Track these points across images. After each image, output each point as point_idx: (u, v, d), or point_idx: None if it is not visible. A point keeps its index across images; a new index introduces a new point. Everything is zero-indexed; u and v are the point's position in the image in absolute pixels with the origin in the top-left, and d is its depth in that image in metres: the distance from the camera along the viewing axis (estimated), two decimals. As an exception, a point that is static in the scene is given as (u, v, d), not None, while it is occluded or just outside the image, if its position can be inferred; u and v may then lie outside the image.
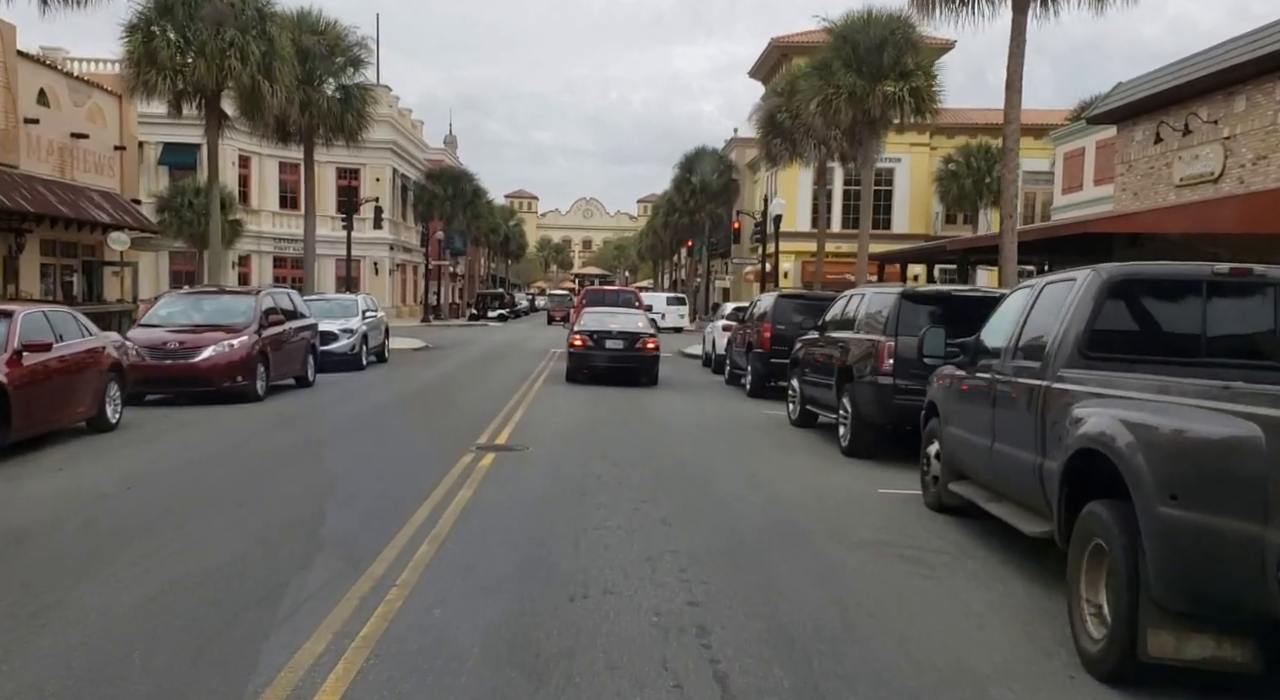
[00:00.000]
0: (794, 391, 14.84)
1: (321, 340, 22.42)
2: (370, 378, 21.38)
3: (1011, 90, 15.45)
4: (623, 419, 14.70)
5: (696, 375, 24.36)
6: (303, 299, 26.42)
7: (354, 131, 30.54)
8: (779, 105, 29.83)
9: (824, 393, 13.10)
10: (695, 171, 56.92)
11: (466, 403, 16.61)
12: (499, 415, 14.67)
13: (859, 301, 12.63)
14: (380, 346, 25.62)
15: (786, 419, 15.09)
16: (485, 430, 13.01)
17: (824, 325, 13.93)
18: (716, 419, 15.27)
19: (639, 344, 20.25)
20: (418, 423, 13.91)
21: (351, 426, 13.57)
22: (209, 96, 23.36)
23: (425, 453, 11.13)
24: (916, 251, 30.95)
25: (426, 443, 11.94)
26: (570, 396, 17.83)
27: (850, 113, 23.19)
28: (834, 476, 10.47)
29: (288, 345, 17.93)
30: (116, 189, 30.52)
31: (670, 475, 10.13)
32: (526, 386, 19.38)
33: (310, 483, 9.18)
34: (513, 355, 29.84)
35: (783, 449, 12.41)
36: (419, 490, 8.74)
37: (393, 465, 10.27)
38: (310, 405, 16.08)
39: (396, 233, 59.72)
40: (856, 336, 12.10)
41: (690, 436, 13.18)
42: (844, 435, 12.02)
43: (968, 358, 8.11)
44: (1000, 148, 16.75)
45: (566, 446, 11.87)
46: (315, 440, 12.17)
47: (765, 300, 19.26)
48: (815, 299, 18.76)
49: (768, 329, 18.20)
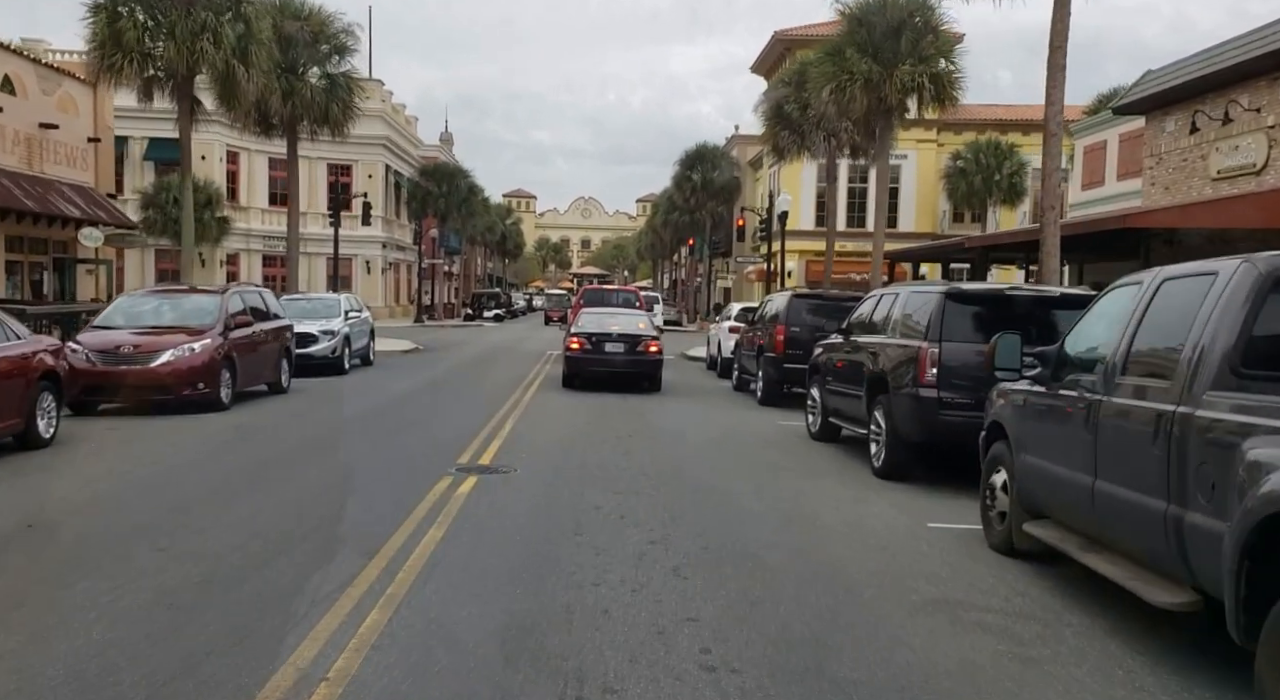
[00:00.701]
0: (814, 402, 13.35)
1: (299, 343, 20.97)
2: (351, 383, 19.89)
3: (1054, 68, 13.98)
4: (624, 433, 13.22)
5: (701, 380, 22.88)
6: (283, 298, 24.99)
7: (340, 123, 29.03)
8: (786, 96, 28.34)
9: (851, 404, 11.61)
10: (697, 169, 55.40)
11: (452, 412, 15.12)
12: (486, 427, 13.18)
13: (891, 302, 11.14)
14: (365, 349, 24.13)
15: (805, 431, 13.62)
16: (469, 446, 11.52)
17: (849, 328, 12.45)
18: (727, 432, 13.78)
19: (641, 347, 18.77)
20: (394, 436, 12.41)
21: (318, 442, 12.06)
22: (180, 82, 21.85)
23: (396, 477, 9.63)
24: (930, 249, 29.47)
25: (400, 463, 10.44)
26: (566, 405, 16.34)
27: (865, 100, 21.68)
28: (872, 506, 8.98)
29: (258, 349, 16.44)
30: (90, 183, 28.98)
31: (681, 506, 8.63)
32: (519, 393, 17.89)
33: (247, 521, 7.57)
34: (506, 358, 28.35)
35: (807, 470, 10.91)
36: (378, 532, 7.23)
37: (353, 494, 8.77)
38: (278, 416, 14.58)
39: (390, 231, 58.21)
40: (890, 342, 10.61)
41: (700, 454, 11.69)
42: (876, 454, 10.53)
43: (1048, 370, 6.63)
44: (1043, 134, 15.11)
45: (560, 467, 10.37)
46: (272, 460, 10.66)
47: (777, 300, 17.78)
48: (833, 299, 17.29)
49: (781, 332, 16.72)
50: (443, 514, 7.87)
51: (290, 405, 15.83)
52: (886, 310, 11.15)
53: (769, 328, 17.43)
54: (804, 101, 27.31)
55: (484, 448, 11.49)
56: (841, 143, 27.64)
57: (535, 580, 6.16)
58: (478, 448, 11.49)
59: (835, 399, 12.38)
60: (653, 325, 20.21)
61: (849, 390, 11.67)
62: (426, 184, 55.98)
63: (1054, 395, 6.42)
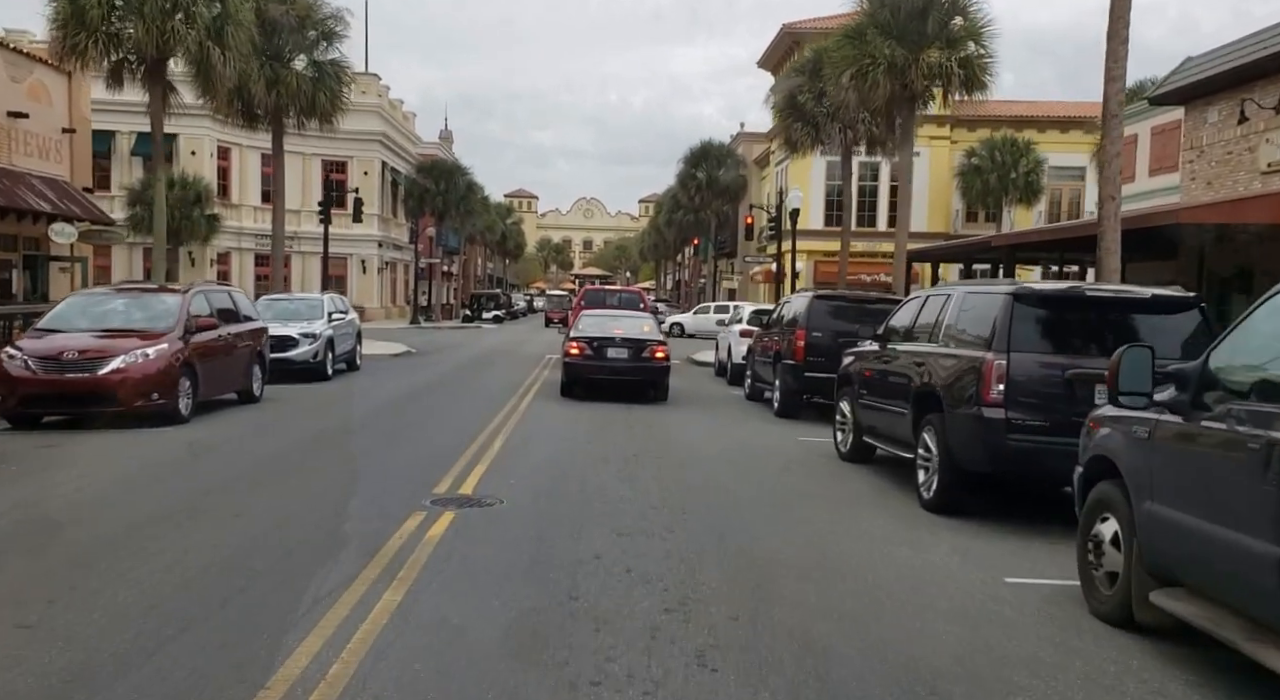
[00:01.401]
0: (843, 417, 11.80)
1: (278, 346, 19.50)
2: (332, 391, 18.36)
3: (1115, 39, 12.42)
4: (628, 451, 11.66)
5: (710, 387, 21.32)
6: (262, 299, 23.48)
7: (328, 114, 27.49)
8: (800, 85, 26.76)
9: (892, 423, 10.07)
10: (702, 166, 53.81)
11: (436, 426, 13.57)
12: (474, 444, 11.64)
13: (941, 305, 9.58)
14: (350, 353, 22.59)
15: (832, 450, 12.07)
16: (451, 469, 9.97)
17: (887, 334, 10.90)
18: (746, 450, 12.22)
19: (646, 353, 17.22)
20: (367, 457, 10.87)
21: (276, 465, 10.50)
22: (151, 66, 20.31)
23: (358, 513, 8.08)
24: (951, 248, 27.86)
25: (367, 492, 8.89)
26: (564, 418, 14.80)
27: (888, 87, 20.09)
28: (931, 552, 7.40)
29: (226, 354, 14.91)
30: (65, 176, 27.42)
31: (699, 553, 7.07)
32: (513, 403, 16.35)
33: (140, 589, 5.89)
34: (503, 362, 26.80)
35: (843, 500, 9.35)
36: (323, 591, 5.70)
37: (304, 538, 7.22)
38: (242, 430, 13.03)
39: (386, 229, 56.71)
40: (943, 351, 9.05)
41: (715, 480, 10.12)
42: (926, 483, 8.98)
43: (1187, 395, 5.08)
44: (1102, 113, 13.40)
45: (553, 499, 8.82)
46: (215, 488, 9.09)
47: (797, 302, 16.23)
48: (859, 301, 15.75)
49: (801, 337, 15.17)
50: (405, 568, 6.31)
51: (259, 417, 14.28)
52: (935, 314, 9.59)
53: (787, 332, 15.89)
54: (819, 90, 25.75)
55: (468, 471, 9.94)
56: (858, 135, 26.05)
57: (511, 679, 4.60)
58: (461, 471, 9.95)
59: (871, 415, 10.83)
60: (658, 329, 18.66)
61: (889, 406, 10.13)
62: (424, 181, 54.44)
63: (1203, 428, 4.87)
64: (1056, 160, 47.39)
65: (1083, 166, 51.09)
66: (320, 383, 19.57)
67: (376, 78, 54.88)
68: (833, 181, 50.81)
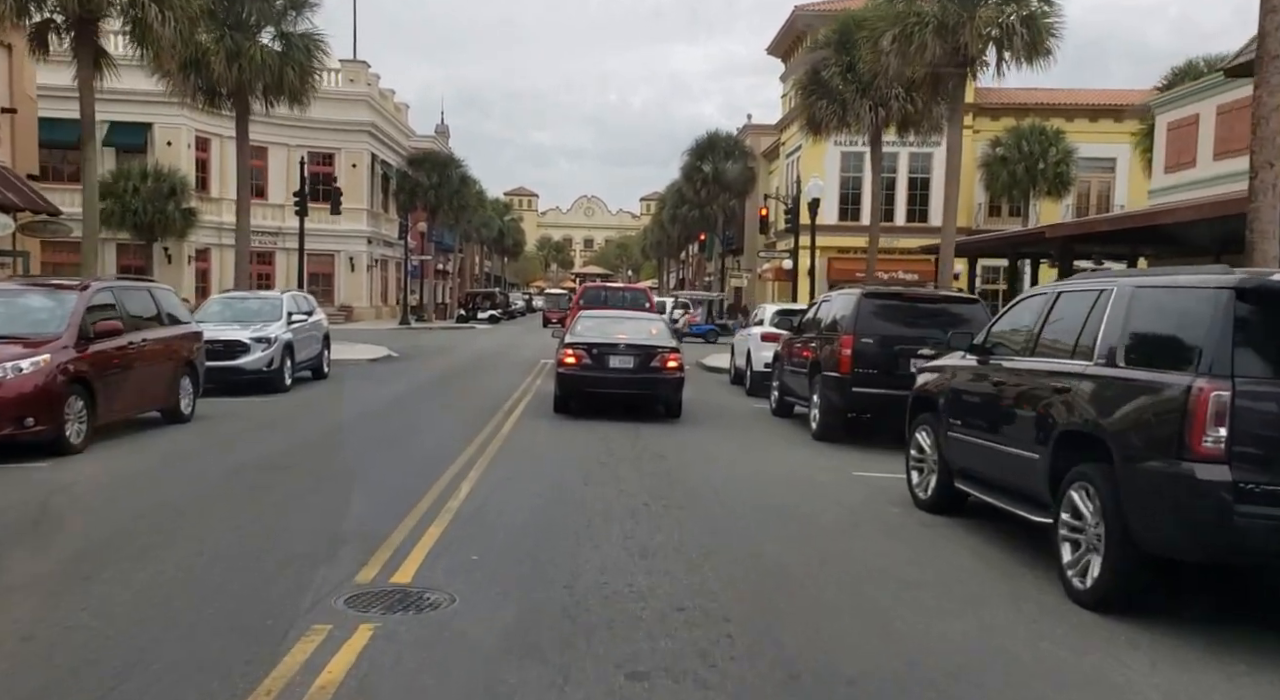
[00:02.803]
0: (921, 452, 8.94)
1: (226, 353, 16.78)
2: (285, 406, 15.51)
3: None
4: (638, 501, 8.80)
5: (728, 400, 18.46)
6: (212, 297, 20.63)
7: (297, 92, 24.60)
8: (825, 59, 23.85)
9: (1009, 469, 7.23)
10: (708, 159, 50.85)
11: (393, 459, 10.70)
12: (433, 490, 8.80)
13: (1088, 305, 6.69)
14: (316, 359, 19.75)
15: (901, 491, 9.25)
16: (392, 536, 7.12)
17: (990, 344, 8.05)
18: (792, 493, 9.35)
19: (656, 361, 14.37)
20: (284, 510, 8.02)
21: (148, 529, 7.54)
22: (78, 26, 17.44)
23: (234, 623, 5.22)
24: (995, 240, 24.87)
25: (257, 582, 6.04)
26: (555, 445, 11.93)
27: (936, 50, 17.21)
28: None
29: (140, 365, 12.07)
30: (6, 161, 24.67)
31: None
32: (495, 424, 13.49)
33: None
34: (492, 369, 23.94)
35: (959, 594, 6.43)
36: None
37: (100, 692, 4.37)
38: (140, 465, 10.15)
39: (376, 225, 53.84)
40: (1107, 374, 6.18)
41: (767, 554, 7.18)
42: (1079, 565, 6.12)
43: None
44: (1256, 57, 10.74)
45: (531, 591, 5.96)
46: (29, 582, 6.22)
47: (840, 302, 13.35)
48: (919, 300, 12.89)
49: (848, 344, 12.31)
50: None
51: (174, 445, 11.42)
52: (1080, 318, 6.71)
53: (829, 338, 13.03)
54: (847, 64, 22.91)
55: (416, 537, 7.10)
56: (891, 113, 23.14)
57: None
58: (407, 537, 7.11)
59: (969, 454, 7.97)
60: (670, 332, 15.79)
61: (1004, 445, 7.27)
62: (415, 174, 51.55)
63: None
64: (1088, 151, 44.50)
65: (1113, 157, 48.28)
66: (275, 394, 16.78)
67: (365, 65, 52.04)
68: (848, 173, 47.94)
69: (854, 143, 47.46)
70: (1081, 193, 46.87)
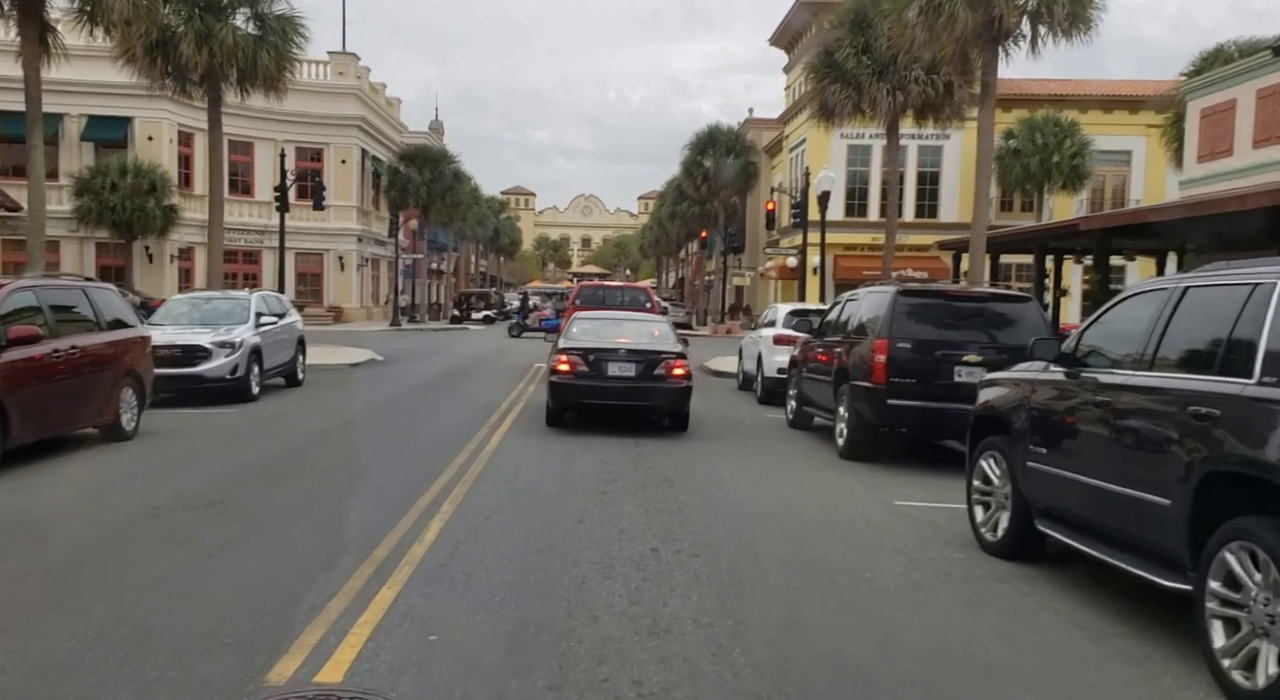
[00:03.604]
0: (990, 482, 7.35)
1: (185, 359, 15.26)
2: (248, 419, 13.92)
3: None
4: (645, 546, 7.21)
5: (737, 408, 16.89)
6: (173, 297, 19.03)
7: (273, 77, 22.99)
8: (839, 40, 22.24)
9: (1126, 515, 5.65)
10: (709, 153, 49.21)
11: (352, 489, 9.09)
12: (395, 531, 7.22)
13: (1237, 300, 5.07)
14: (290, 364, 18.16)
15: (952, 524, 7.70)
16: (328, 606, 5.53)
17: (1080, 354, 6.47)
18: (828, 536, 7.74)
19: (661, 369, 12.78)
20: (193, 574, 6.41)
21: (17, 595, 5.98)
22: (21, 0, 15.83)
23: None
24: (1022, 233, 23.21)
25: (133, 687, 4.46)
26: (545, 470, 10.33)
27: (968, 20, 15.63)
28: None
29: (68, 377, 10.48)
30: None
31: None
32: (479, 441, 11.90)
33: None
34: (482, 374, 22.34)
35: (1061, 665, 4.89)
36: None
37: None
38: (49, 499, 8.52)
39: (367, 222, 52.23)
40: (1274, 397, 4.59)
41: (814, 627, 5.58)
42: (1238, 648, 4.55)
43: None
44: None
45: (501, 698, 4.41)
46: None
47: (870, 301, 11.74)
48: (964, 299, 11.28)
49: (883, 349, 10.72)
50: None
51: (94, 472, 9.79)
52: (1223, 322, 5.12)
53: (858, 342, 11.44)
54: (863, 45, 21.34)
55: (363, 603, 5.52)
56: (910, 98, 21.54)
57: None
58: (351, 602, 5.54)
59: (1060, 492, 6.39)
60: (674, 335, 14.19)
61: (1115, 485, 5.68)
62: (407, 170, 49.88)
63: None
64: (1103, 143, 42.89)
65: (1128, 150, 46.69)
66: (241, 405, 15.22)
67: (354, 58, 50.41)
68: (855, 167, 46.40)
69: (860, 136, 46.13)
70: (1095, 187, 45.30)
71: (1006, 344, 10.69)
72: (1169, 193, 41.09)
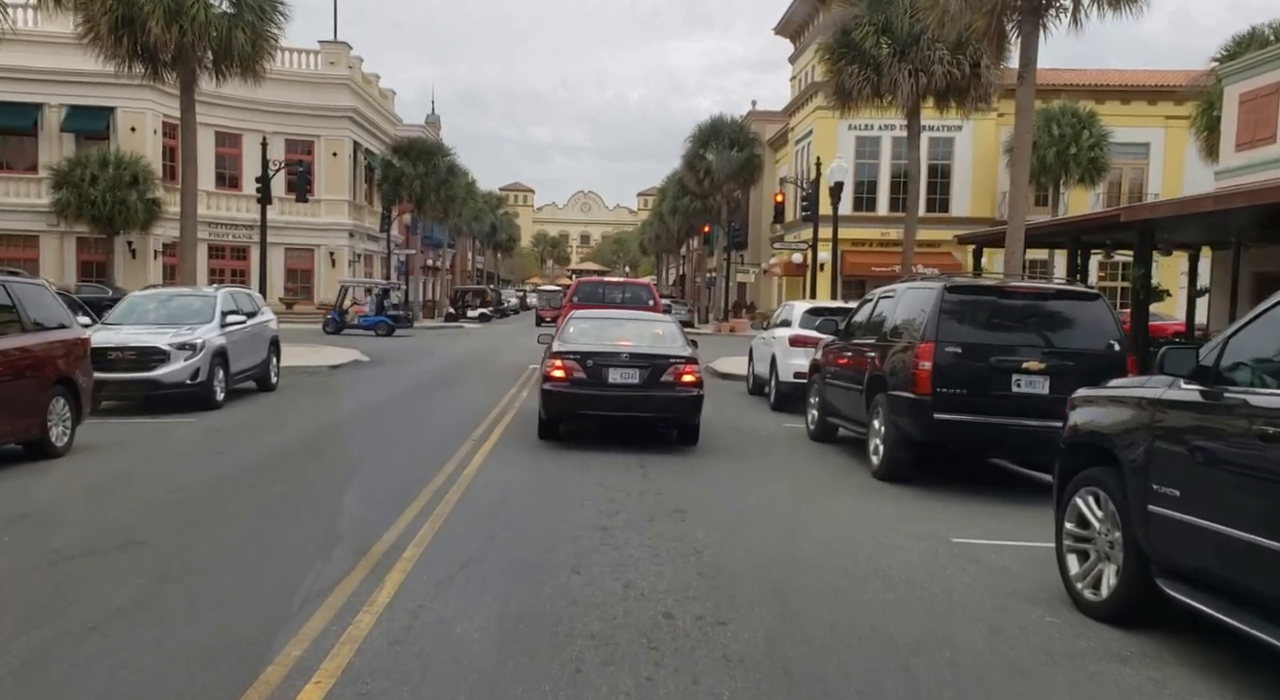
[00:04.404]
0: (1089, 526, 5.84)
1: (140, 363, 13.84)
2: (201, 431, 12.40)
3: None
4: (653, 610, 5.68)
5: (749, 415, 15.40)
6: (132, 293, 17.52)
7: (249, 59, 21.47)
8: (858, 17, 20.70)
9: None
10: (712, 145, 47.64)
11: (300, 527, 7.56)
12: (341, 588, 5.72)
13: None
14: (262, 368, 16.66)
15: (1045, 574, 6.20)
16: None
17: (1225, 369, 4.96)
18: (886, 593, 6.18)
19: (668, 375, 11.25)
20: (71, 652, 4.95)
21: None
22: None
23: None
24: (1054, 226, 21.64)
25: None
26: (534, 496, 8.82)
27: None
28: None
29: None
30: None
31: None
32: (460, 460, 10.38)
33: None
34: (473, 376, 20.82)
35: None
36: None
37: None
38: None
39: (359, 217, 50.73)
40: None
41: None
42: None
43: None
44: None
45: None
46: None
47: (911, 298, 10.21)
48: (1023, 296, 9.74)
49: (928, 354, 9.21)
50: None
51: (4, 500, 8.30)
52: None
53: (897, 346, 9.93)
54: (882, 23, 19.84)
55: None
56: (934, 80, 20.00)
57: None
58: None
59: (1199, 548, 4.88)
60: (682, 336, 12.67)
61: (1274, 540, 4.21)
62: (400, 163, 48.30)
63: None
64: (1122, 135, 41.34)
65: (1146, 143, 45.14)
66: (203, 413, 13.74)
67: (346, 47, 48.85)
68: (863, 160, 44.87)
69: (869, 127, 44.61)
70: (1112, 181, 43.78)
71: (1072, 348, 9.22)
72: (1188, 186, 39.60)
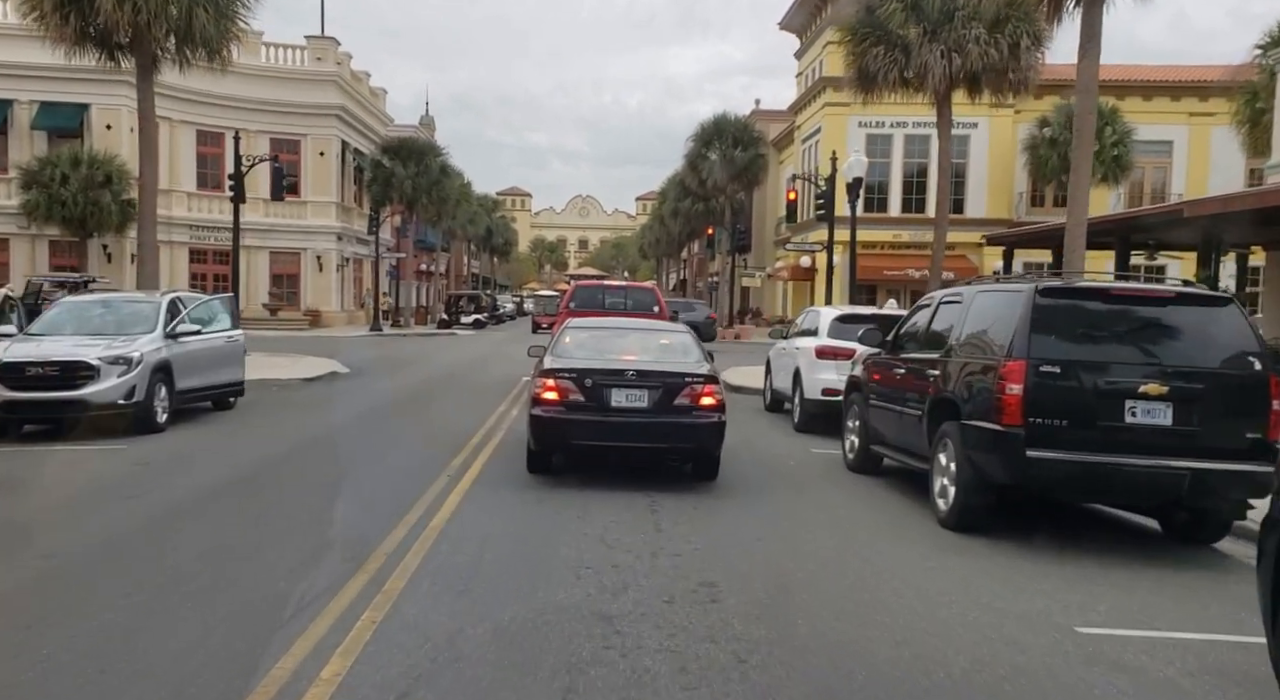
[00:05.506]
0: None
1: (63, 381, 11.96)
2: (127, 462, 10.42)
3: None
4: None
5: (770, 437, 13.42)
6: (65, 299, 15.54)
7: (215, 45, 19.54)
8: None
9: None
10: (715, 145, 45.67)
11: (201, 613, 5.62)
12: None
13: None
14: (219, 384, 14.62)
15: (1195, 680, 4.24)
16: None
17: None
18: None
19: (684, 397, 9.24)
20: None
21: None
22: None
23: None
24: (1113, 220, 19.58)
25: None
26: (517, 556, 6.83)
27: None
28: None
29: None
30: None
31: None
32: (431, 501, 8.39)
33: None
34: (459, 391, 18.81)
35: None
36: None
37: None
38: None
39: (348, 220, 48.76)
40: None
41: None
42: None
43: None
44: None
45: None
46: None
47: (986, 304, 8.23)
48: (1138, 300, 7.76)
49: (1018, 374, 7.23)
50: None
51: None
52: None
53: (969, 363, 7.97)
54: (912, 0, 17.92)
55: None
56: (969, 61, 18.04)
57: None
58: None
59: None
60: (698, 348, 10.66)
61: None
62: (390, 163, 46.32)
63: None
64: (1143, 133, 39.39)
65: (1169, 140, 43.20)
66: (138, 438, 11.79)
67: (334, 43, 46.94)
68: (874, 158, 42.80)
69: (880, 124, 42.73)
70: (1134, 180, 41.86)
71: (1200, 366, 7.27)
72: (1213, 187, 37.68)
